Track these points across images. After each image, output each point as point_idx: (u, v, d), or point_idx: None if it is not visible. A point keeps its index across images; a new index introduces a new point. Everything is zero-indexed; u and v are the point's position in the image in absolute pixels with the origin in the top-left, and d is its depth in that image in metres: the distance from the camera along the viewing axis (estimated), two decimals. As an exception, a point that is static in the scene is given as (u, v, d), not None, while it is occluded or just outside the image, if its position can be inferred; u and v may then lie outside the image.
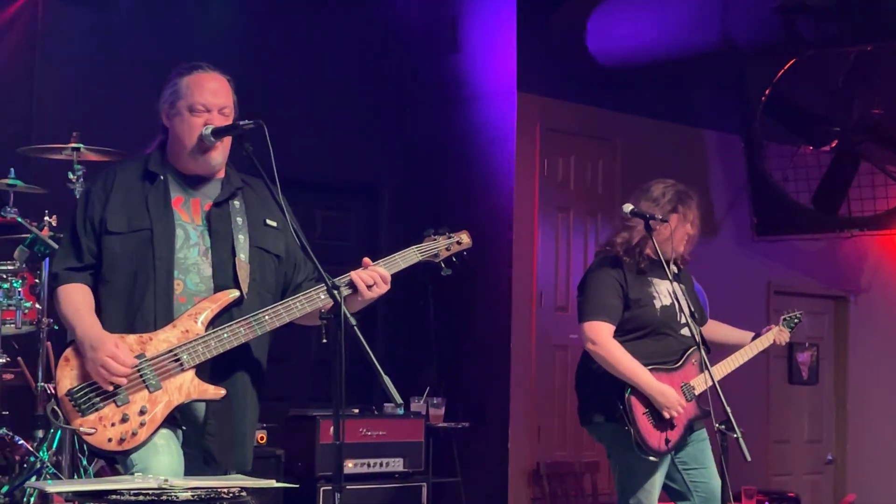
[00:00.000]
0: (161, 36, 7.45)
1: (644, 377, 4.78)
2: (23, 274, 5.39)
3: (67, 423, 3.46)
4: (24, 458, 5.54)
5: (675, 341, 4.97)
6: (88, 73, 7.30)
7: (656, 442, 4.79)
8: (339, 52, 8.40)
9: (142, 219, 3.63)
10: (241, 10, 7.90)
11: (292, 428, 6.89)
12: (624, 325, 4.90)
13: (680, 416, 4.83)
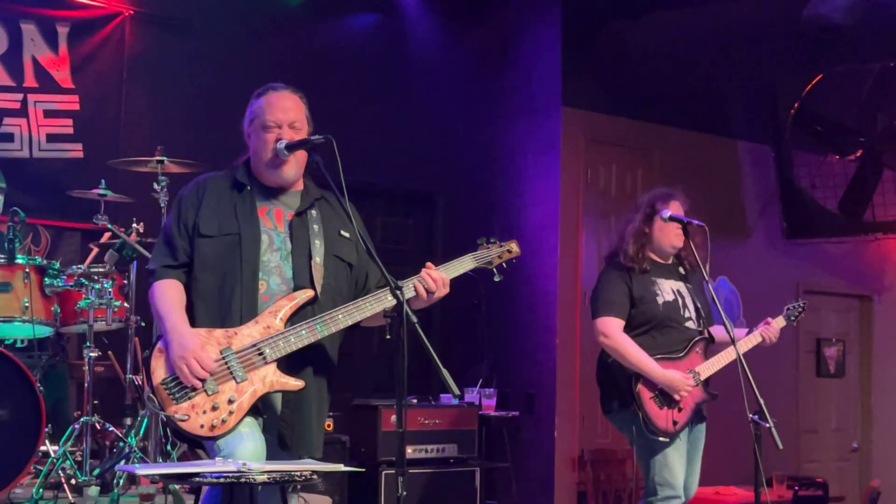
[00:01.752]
0: (235, 56, 7.51)
1: (650, 365, 4.93)
2: (113, 275, 5.41)
3: (162, 410, 3.50)
4: (113, 444, 5.61)
5: (679, 333, 5.10)
6: (170, 92, 7.36)
7: (664, 423, 4.94)
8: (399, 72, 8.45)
9: (231, 224, 3.68)
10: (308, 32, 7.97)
11: (356, 416, 6.92)
12: (632, 321, 5.05)
13: (687, 399, 4.98)
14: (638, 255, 5.12)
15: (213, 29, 7.53)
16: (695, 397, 5.04)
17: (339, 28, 8.13)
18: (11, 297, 5.05)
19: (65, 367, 5.78)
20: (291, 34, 7.86)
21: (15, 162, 6.64)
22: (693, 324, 5.14)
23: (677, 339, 5.08)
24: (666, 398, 4.96)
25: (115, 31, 7.22)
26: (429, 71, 8.60)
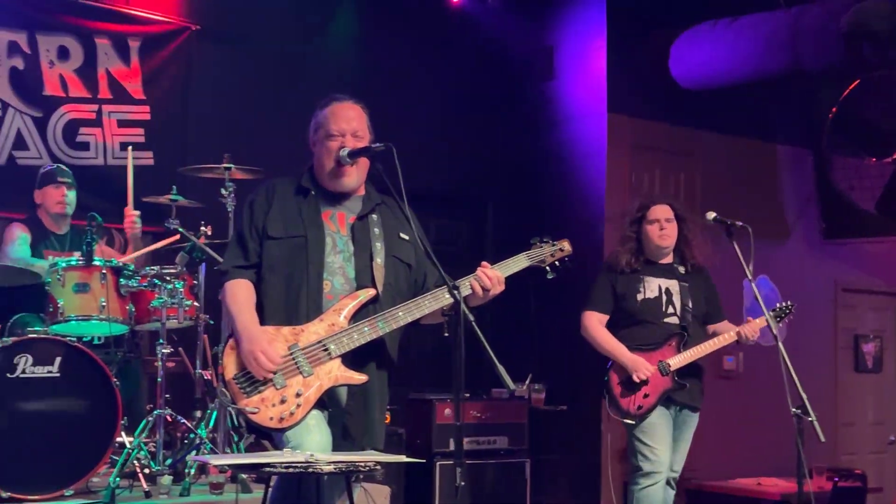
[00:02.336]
0: (296, 68, 7.56)
1: (617, 349, 5.26)
2: (183, 276, 5.43)
3: (234, 403, 3.55)
4: (184, 435, 5.64)
5: (657, 328, 5.31)
6: (235, 102, 7.39)
7: (628, 406, 5.21)
8: (450, 81, 8.48)
9: (297, 227, 3.72)
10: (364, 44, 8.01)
11: (412, 410, 6.96)
12: (615, 317, 5.34)
13: (653, 388, 5.19)
14: (628, 257, 5.36)
15: (274, 43, 7.58)
16: (662, 385, 5.24)
17: (393, 40, 8.16)
18: (89, 297, 5.08)
19: (139, 363, 5.80)
20: (348, 46, 7.91)
21: (90, 169, 6.71)
22: (676, 319, 5.33)
23: (654, 333, 5.31)
24: (632, 385, 5.20)
25: (182, 45, 7.27)
26: (479, 79, 8.62)
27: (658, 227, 5.32)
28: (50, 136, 6.82)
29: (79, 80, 6.93)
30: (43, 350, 4.76)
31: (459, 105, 8.52)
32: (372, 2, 8.03)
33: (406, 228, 3.83)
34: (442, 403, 6.74)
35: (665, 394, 5.24)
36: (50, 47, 6.84)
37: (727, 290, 8.41)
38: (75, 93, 6.92)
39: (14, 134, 6.70)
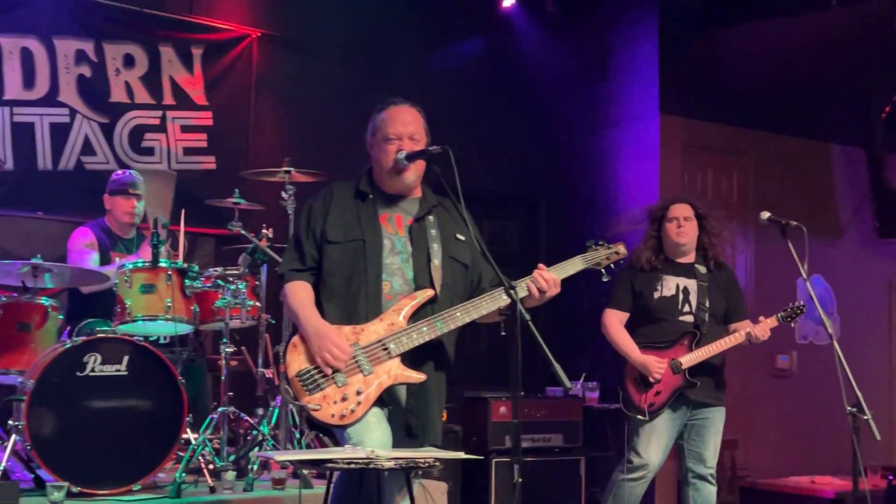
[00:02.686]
0: (354, 73, 7.60)
1: (630, 351, 5.29)
2: (246, 277, 5.46)
3: (297, 400, 3.55)
4: (247, 432, 5.69)
5: (671, 326, 5.31)
6: (295, 107, 7.45)
7: (640, 403, 5.24)
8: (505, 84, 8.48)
9: (355, 231, 3.73)
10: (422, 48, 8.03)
11: (468, 408, 6.96)
12: (634, 314, 5.38)
13: (665, 385, 5.20)
14: (648, 255, 5.38)
15: (332, 48, 7.63)
16: (674, 383, 5.24)
17: (449, 44, 8.18)
18: (155, 298, 5.12)
19: (203, 361, 5.83)
20: (406, 51, 7.93)
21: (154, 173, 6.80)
22: (690, 318, 5.32)
23: (668, 331, 5.32)
24: (645, 382, 5.23)
25: (243, 51, 7.35)
26: (533, 83, 8.61)
27: (676, 224, 5.32)
28: (116, 141, 6.92)
29: (144, 87, 7.03)
30: (111, 349, 4.79)
31: (513, 107, 8.52)
32: (429, 8, 8.04)
33: (462, 229, 3.83)
34: (497, 402, 6.73)
35: (677, 391, 5.24)
36: (116, 55, 6.94)
37: (780, 289, 8.38)
38: (140, 99, 7.02)
39: (82, 140, 6.81)
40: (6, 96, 6.58)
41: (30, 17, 6.65)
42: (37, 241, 6.38)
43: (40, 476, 4.70)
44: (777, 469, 8.17)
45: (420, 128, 3.83)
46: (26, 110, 6.66)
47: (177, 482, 4.75)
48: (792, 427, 8.41)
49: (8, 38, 6.59)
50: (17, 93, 6.63)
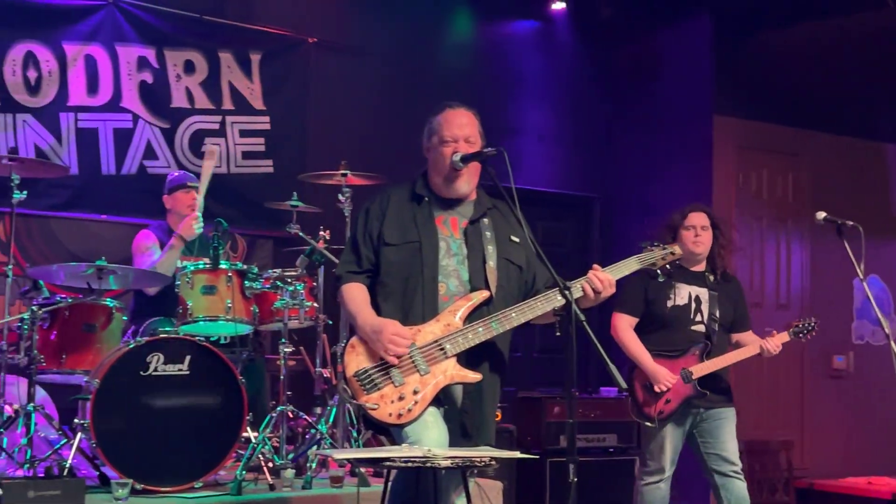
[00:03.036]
0: (409, 77, 7.61)
1: (643, 358, 5.22)
2: (304, 279, 5.46)
3: (355, 400, 3.56)
4: (305, 430, 5.70)
5: (682, 335, 5.25)
6: (351, 111, 7.46)
7: (651, 411, 5.19)
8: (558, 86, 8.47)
9: (412, 233, 3.73)
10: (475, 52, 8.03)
11: (522, 408, 6.95)
12: (644, 320, 5.30)
13: (675, 394, 5.15)
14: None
15: (388, 53, 7.66)
16: (683, 392, 5.19)
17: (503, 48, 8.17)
18: (216, 299, 5.15)
19: (262, 361, 5.86)
20: (459, 56, 7.94)
21: (215, 177, 6.72)
22: (702, 328, 5.28)
23: (680, 339, 5.26)
24: (651, 389, 5.18)
25: (300, 58, 7.40)
26: (586, 83, 8.59)
27: (693, 233, 5.27)
28: (177, 146, 6.99)
29: (204, 93, 7.09)
30: (173, 349, 4.83)
31: (567, 109, 8.50)
32: (483, 12, 8.04)
33: (517, 231, 3.83)
34: (552, 402, 6.71)
35: (686, 400, 5.21)
36: (177, 62, 7.01)
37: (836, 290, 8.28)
38: (201, 105, 7.08)
39: (144, 145, 6.88)
40: (71, 102, 6.66)
41: (94, 24, 6.73)
42: (101, 244, 6.42)
43: (105, 473, 4.75)
44: (833, 470, 8.07)
45: (475, 130, 3.84)
46: (90, 116, 6.73)
47: (237, 480, 4.78)
48: (848, 428, 8.31)
49: (72, 46, 6.67)
50: (82, 99, 6.71)
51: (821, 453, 8.19)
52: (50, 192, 6.45)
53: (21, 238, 6.36)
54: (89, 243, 6.54)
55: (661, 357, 5.24)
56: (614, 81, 8.64)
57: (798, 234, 8.31)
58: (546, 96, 8.38)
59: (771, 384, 8.06)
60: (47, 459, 4.71)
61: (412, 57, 7.72)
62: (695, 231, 5.29)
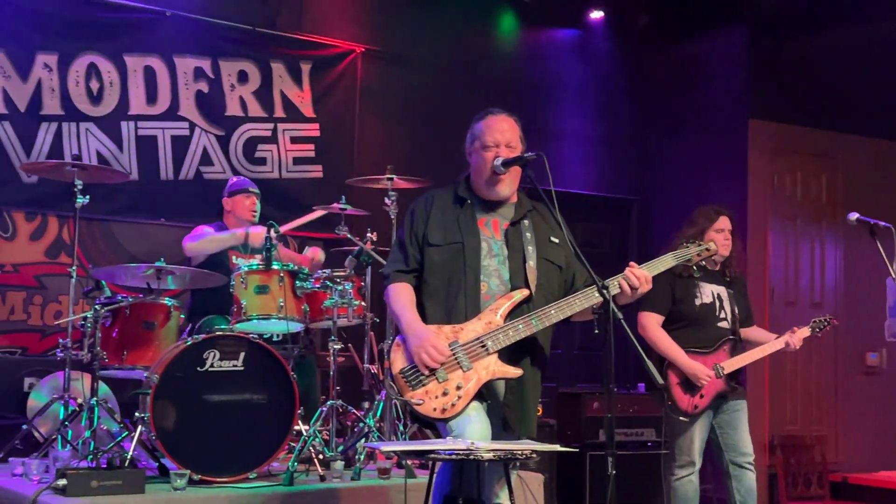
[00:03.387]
0: (452, 84, 7.62)
1: (678, 355, 5.21)
2: (352, 278, 5.48)
3: (401, 395, 3.57)
4: (354, 424, 5.70)
5: (711, 331, 5.28)
6: (397, 118, 7.49)
7: (685, 406, 5.16)
8: (597, 92, 8.44)
9: (455, 234, 3.73)
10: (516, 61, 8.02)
11: (562, 403, 6.92)
12: (672, 317, 5.28)
13: (709, 388, 5.14)
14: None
15: (432, 62, 7.66)
16: (716, 387, 5.21)
17: (543, 56, 8.16)
18: (269, 298, 5.17)
19: (312, 357, 5.87)
20: (501, 64, 7.94)
21: (267, 182, 6.84)
22: (727, 324, 5.33)
23: (709, 335, 5.27)
24: (689, 385, 5.16)
25: (349, 66, 7.42)
26: (624, 89, 8.55)
27: (724, 236, 5.32)
28: (232, 152, 7.04)
29: (256, 102, 7.13)
30: (228, 346, 4.84)
31: (605, 114, 8.47)
32: (524, 21, 8.03)
33: (556, 232, 3.82)
34: (591, 397, 6.69)
35: (718, 395, 5.24)
36: (231, 72, 7.06)
37: (869, 288, 8.18)
38: (253, 113, 7.12)
39: (201, 151, 6.93)
40: (131, 112, 6.72)
41: (152, 37, 6.78)
42: (159, 246, 6.44)
43: (164, 464, 4.78)
44: (867, 464, 7.98)
45: (516, 136, 3.83)
46: (149, 124, 6.79)
47: (289, 471, 4.78)
48: (882, 422, 8.20)
49: (132, 58, 6.74)
50: (141, 108, 6.77)
51: (854, 448, 8.10)
52: (111, 197, 6.49)
53: (84, 240, 6.43)
54: (148, 245, 6.61)
55: (692, 353, 5.25)
56: (652, 87, 8.60)
57: (832, 235, 8.22)
58: (585, 102, 8.36)
59: (806, 381, 7.99)
60: (109, 451, 4.74)
61: (456, 65, 7.72)
62: (724, 234, 5.33)
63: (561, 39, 8.26)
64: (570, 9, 8.22)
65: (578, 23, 8.33)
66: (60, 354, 5.19)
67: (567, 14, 8.24)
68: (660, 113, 8.55)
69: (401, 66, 7.58)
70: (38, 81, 6.45)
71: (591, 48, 8.38)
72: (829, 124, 8.19)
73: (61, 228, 6.48)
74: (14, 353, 6.27)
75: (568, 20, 8.26)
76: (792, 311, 7.84)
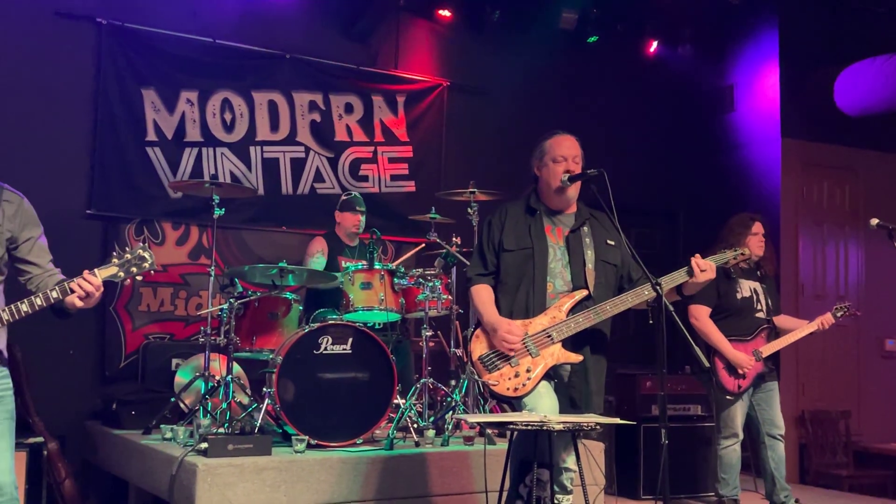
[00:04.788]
0: (523, 111, 7.58)
1: (724, 345, 5.21)
2: (440, 276, 5.49)
3: (480, 378, 3.62)
4: (443, 399, 5.67)
5: (751, 320, 5.31)
6: (477, 140, 7.47)
7: (731, 386, 5.22)
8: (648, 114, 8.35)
9: (525, 241, 3.75)
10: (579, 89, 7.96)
11: (620, 382, 6.82)
12: (717, 308, 5.30)
13: (749, 371, 5.18)
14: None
15: (507, 93, 7.65)
16: (756, 369, 5.24)
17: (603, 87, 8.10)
18: (372, 293, 5.22)
19: (408, 343, 5.90)
20: (565, 93, 7.89)
21: (370, 196, 6.85)
22: (763, 314, 5.34)
23: (749, 324, 5.30)
24: (733, 369, 5.20)
25: (436, 97, 7.42)
26: (673, 114, 8.46)
27: (758, 239, 5.35)
28: (340, 171, 7.08)
29: (360, 128, 7.16)
30: (339, 333, 4.89)
31: (656, 133, 8.38)
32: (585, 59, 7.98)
33: (612, 234, 3.83)
34: (644, 377, 6.59)
35: (759, 375, 5.26)
36: (339, 104, 7.11)
37: (888, 285, 7.97)
38: (357, 138, 7.15)
39: (314, 171, 6.98)
40: (257, 138, 6.80)
41: (274, 76, 6.85)
42: (281, 250, 6.53)
43: (286, 431, 4.84)
44: (885, 435, 7.82)
45: (579, 152, 3.85)
46: (273, 149, 6.86)
47: (390, 437, 4.81)
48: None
49: (258, 93, 6.83)
50: (266, 135, 6.85)
51: (875, 422, 7.91)
52: (242, 209, 6.56)
53: (220, 245, 6.52)
54: (272, 249, 6.66)
55: (735, 340, 5.26)
56: (697, 112, 8.47)
57: (854, 238, 8.03)
58: (639, 125, 8.28)
59: (832, 363, 7.83)
60: (242, 420, 4.81)
61: (526, 95, 7.69)
62: (759, 237, 5.34)
63: (617, 73, 8.18)
64: (625, 46, 8.14)
65: (632, 56, 8.24)
66: (201, 339, 5.24)
67: (623, 51, 8.16)
68: (705, 133, 8.43)
69: (479, 97, 7.57)
70: (182, 114, 6.56)
71: (646, 80, 8.29)
72: (851, 142, 8.01)
73: (201, 235, 6.57)
74: (163, 338, 6.37)
75: (624, 56, 8.18)
76: (821, 303, 7.66)
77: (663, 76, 8.34)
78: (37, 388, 5.38)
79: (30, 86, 6.07)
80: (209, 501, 4.16)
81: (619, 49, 8.10)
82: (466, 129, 7.51)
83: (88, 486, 5.81)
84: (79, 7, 6.23)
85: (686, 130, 8.46)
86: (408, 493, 4.62)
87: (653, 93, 8.33)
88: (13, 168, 4.38)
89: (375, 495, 4.55)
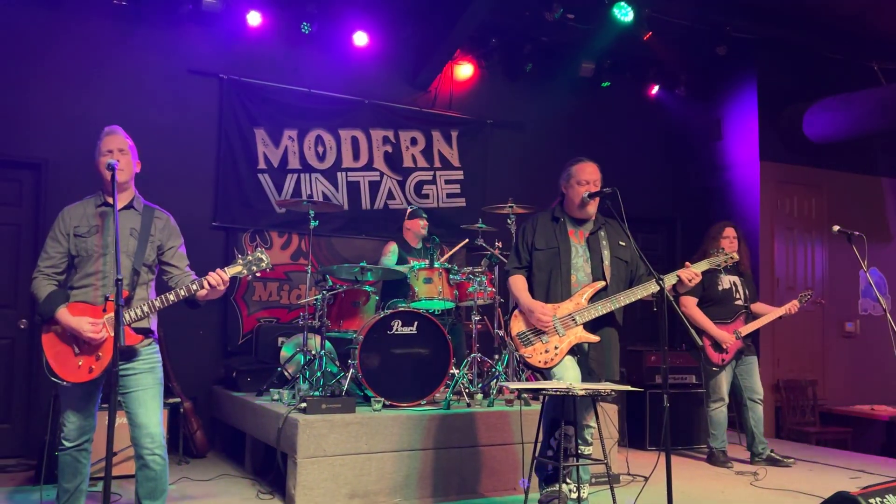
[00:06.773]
0: (552, 142, 7.53)
1: (709, 326, 5.33)
2: (486, 273, 5.48)
3: (517, 351, 3.62)
4: (488, 370, 5.66)
5: (731, 307, 5.36)
6: (515, 165, 7.43)
7: (716, 360, 5.30)
8: (650, 144, 8.25)
9: (553, 241, 3.75)
10: (591, 125, 7.89)
11: (629, 357, 6.75)
12: (702, 298, 5.41)
13: (731, 347, 5.33)
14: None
15: (537, 127, 7.60)
16: (736, 346, 5.31)
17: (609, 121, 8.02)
18: (432, 287, 5.21)
19: (460, 325, 5.86)
20: (586, 126, 7.81)
21: (429, 210, 6.84)
22: (741, 302, 5.38)
23: (729, 310, 5.35)
24: (718, 346, 5.25)
25: (482, 132, 7.38)
26: (673, 141, 8.34)
27: (730, 241, 5.43)
28: (407, 190, 7.08)
29: (422, 157, 7.16)
30: (407, 317, 4.90)
31: (657, 158, 8.27)
32: (598, 98, 7.91)
33: (623, 237, 3.81)
34: (649, 352, 6.52)
35: (738, 351, 5.31)
36: (406, 138, 7.13)
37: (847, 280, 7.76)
38: (420, 165, 7.15)
39: (387, 191, 6.99)
40: (343, 166, 6.82)
41: (356, 117, 6.88)
42: (361, 252, 6.59)
43: (367, 394, 4.86)
44: (846, 400, 7.63)
45: (598, 175, 3.84)
46: (355, 174, 6.88)
47: (447, 399, 4.82)
48: (856, 371, 7.79)
49: (344, 131, 6.87)
50: (349, 163, 6.87)
51: (837, 389, 7.72)
52: (331, 221, 6.61)
53: (314, 249, 6.58)
54: (355, 252, 6.69)
55: (719, 323, 5.31)
56: (691, 140, 8.34)
57: (819, 241, 7.84)
58: (644, 151, 8.18)
59: (802, 341, 7.65)
60: (332, 385, 4.86)
61: (553, 129, 7.64)
62: (729, 239, 5.41)
63: (626, 111, 8.10)
64: (632, 89, 8.06)
65: (637, 97, 8.14)
66: (301, 322, 5.28)
67: (630, 93, 8.08)
68: (697, 157, 8.30)
69: (516, 131, 7.54)
70: (285, 148, 6.61)
71: (648, 116, 8.19)
72: (816, 163, 7.84)
73: (300, 242, 6.61)
74: (271, 321, 6.42)
75: (631, 97, 8.09)
76: (793, 294, 7.51)
77: (663, 112, 8.23)
78: (175, 360, 5.50)
79: (169, 127, 6.21)
80: (307, 448, 4.21)
81: (628, 92, 8.02)
82: (506, 156, 7.48)
83: (214, 436, 5.93)
84: (206, 66, 6.35)
85: (682, 155, 8.34)
86: (461, 443, 4.62)
87: (654, 126, 8.23)
88: (158, 191, 4.49)
89: (435, 444, 4.56)
